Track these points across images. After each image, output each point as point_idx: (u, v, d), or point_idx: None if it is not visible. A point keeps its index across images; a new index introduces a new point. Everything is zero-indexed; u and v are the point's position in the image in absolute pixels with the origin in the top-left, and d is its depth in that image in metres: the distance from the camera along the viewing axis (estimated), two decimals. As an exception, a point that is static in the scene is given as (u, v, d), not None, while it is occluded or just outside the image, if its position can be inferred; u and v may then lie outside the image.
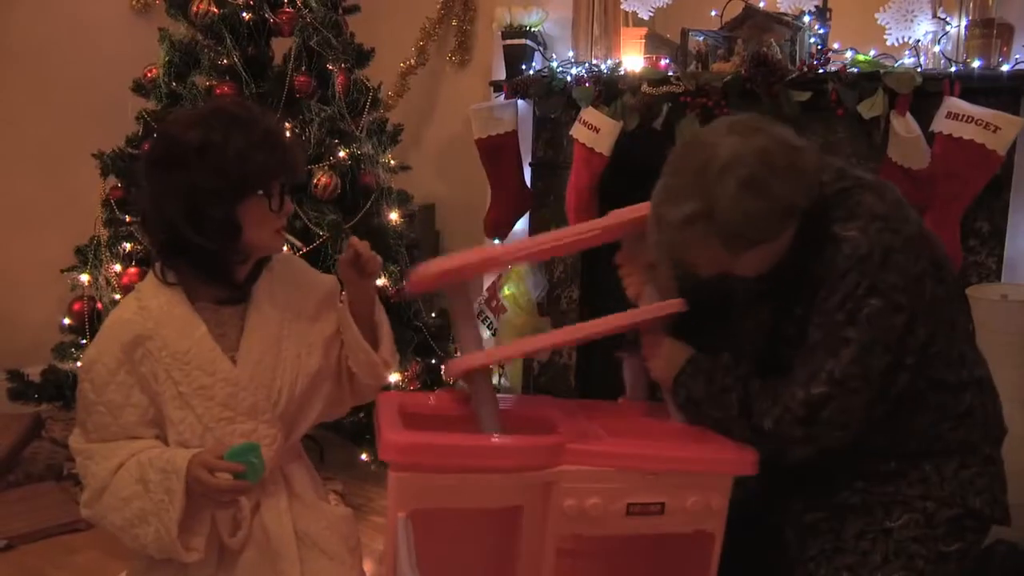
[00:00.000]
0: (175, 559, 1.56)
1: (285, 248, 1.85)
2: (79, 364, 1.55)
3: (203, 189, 1.52)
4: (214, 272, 1.62)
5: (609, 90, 3.13)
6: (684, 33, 3.00)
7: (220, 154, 1.52)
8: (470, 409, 1.63)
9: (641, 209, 1.63)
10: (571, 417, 1.64)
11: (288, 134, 1.63)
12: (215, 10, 2.92)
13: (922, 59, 2.61)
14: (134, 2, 3.78)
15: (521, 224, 3.61)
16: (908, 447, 1.58)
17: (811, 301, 1.50)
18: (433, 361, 3.15)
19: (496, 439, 1.55)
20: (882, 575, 1.51)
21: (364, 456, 3.01)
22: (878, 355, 1.45)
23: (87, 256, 2.96)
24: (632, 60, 3.21)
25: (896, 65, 2.58)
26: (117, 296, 2.85)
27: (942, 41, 2.59)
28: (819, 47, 2.78)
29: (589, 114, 3.10)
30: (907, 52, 2.62)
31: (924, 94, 2.52)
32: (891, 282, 1.43)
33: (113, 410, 1.58)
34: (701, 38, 2.98)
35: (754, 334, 1.67)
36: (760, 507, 1.66)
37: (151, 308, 1.60)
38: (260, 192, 1.57)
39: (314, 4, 3.00)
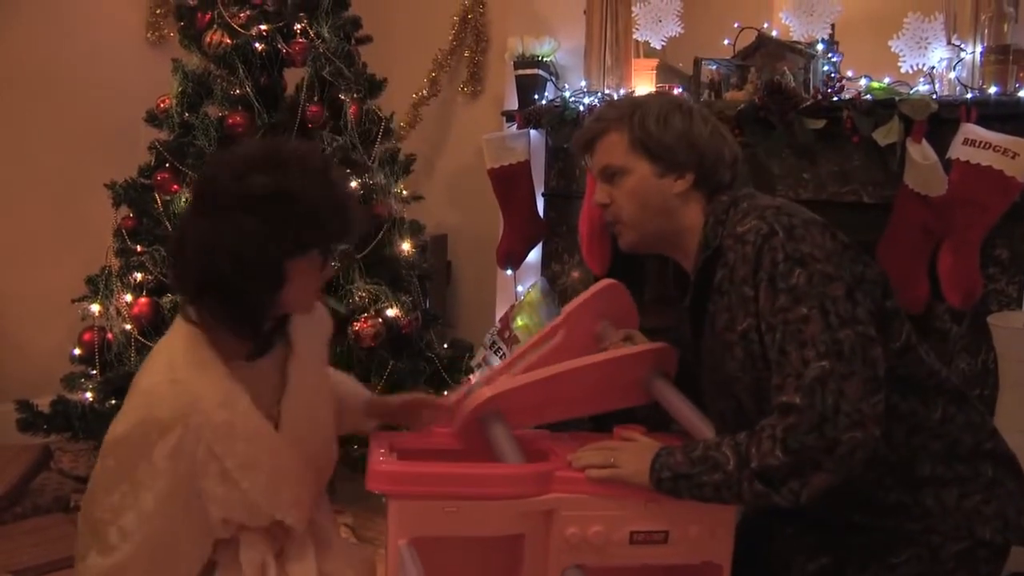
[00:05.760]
0: None
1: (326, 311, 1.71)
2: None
3: (265, 237, 1.38)
4: (248, 320, 1.46)
5: (621, 119, 3.11)
6: (697, 62, 3.00)
7: (292, 207, 1.38)
8: (463, 443, 1.65)
9: (588, 292, 1.83)
10: (563, 446, 1.62)
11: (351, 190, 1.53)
12: (228, 41, 2.94)
13: (937, 86, 2.58)
14: (148, 34, 3.82)
15: (534, 255, 3.59)
16: (896, 470, 1.47)
17: (744, 309, 1.46)
18: (444, 392, 3.12)
19: (477, 468, 1.53)
20: None
21: (375, 489, 2.96)
22: (836, 327, 1.36)
23: (98, 286, 2.95)
24: (644, 90, 3.20)
25: (911, 92, 2.56)
26: (128, 327, 2.85)
27: (957, 67, 2.57)
28: (832, 75, 2.76)
29: (602, 143, 3.09)
30: (922, 79, 2.60)
31: (940, 121, 2.49)
32: (805, 251, 1.41)
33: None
34: (714, 67, 2.97)
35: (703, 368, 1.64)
36: (760, 557, 1.60)
37: (185, 381, 1.42)
38: (318, 252, 1.45)
39: (327, 35, 3.02)
